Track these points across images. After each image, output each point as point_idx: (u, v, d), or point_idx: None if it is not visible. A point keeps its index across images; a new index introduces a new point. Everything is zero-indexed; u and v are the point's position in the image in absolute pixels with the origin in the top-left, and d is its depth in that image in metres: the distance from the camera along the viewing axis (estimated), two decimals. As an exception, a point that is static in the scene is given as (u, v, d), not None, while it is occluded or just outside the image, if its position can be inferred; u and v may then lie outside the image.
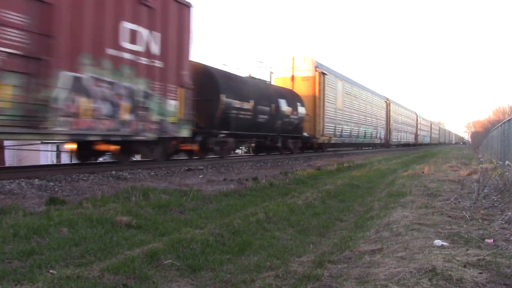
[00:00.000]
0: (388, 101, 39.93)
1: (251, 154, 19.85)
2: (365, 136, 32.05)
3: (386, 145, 39.24)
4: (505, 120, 15.40)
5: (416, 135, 57.09)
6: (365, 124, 31.66)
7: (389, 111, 39.86)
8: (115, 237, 4.58)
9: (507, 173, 10.67)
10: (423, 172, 14.04)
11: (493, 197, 7.75)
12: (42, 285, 3.19)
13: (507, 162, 12.34)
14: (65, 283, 3.27)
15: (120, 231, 4.78)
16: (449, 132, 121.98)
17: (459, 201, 7.40)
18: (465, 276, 3.44)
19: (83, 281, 3.35)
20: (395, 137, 43.26)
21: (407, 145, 50.75)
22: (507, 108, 61.50)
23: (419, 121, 58.99)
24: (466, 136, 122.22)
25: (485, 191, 8.20)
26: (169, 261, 4.00)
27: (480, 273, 3.56)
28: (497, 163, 15.66)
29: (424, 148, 55.33)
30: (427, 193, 8.63)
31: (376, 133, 35.39)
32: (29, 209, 5.44)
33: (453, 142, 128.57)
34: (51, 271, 3.52)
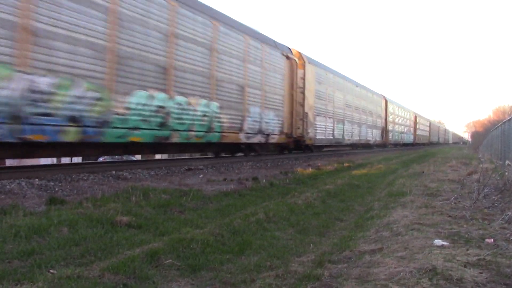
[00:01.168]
0: (299, 61, 18.77)
1: (252, 154, 18.94)
2: (185, 126, 11.43)
3: (294, 145, 18.82)
4: (505, 120, 15.39)
5: (386, 131, 36.86)
6: (183, 93, 11.33)
7: (306, 80, 19.24)
8: (115, 237, 4.58)
9: (507, 173, 10.66)
10: (423, 172, 14.05)
11: (493, 197, 7.74)
12: (42, 285, 3.19)
13: (507, 162, 12.33)
14: (65, 282, 3.27)
15: (120, 231, 4.78)
16: (445, 130, 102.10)
17: (459, 201, 7.40)
18: (465, 275, 3.44)
19: (83, 280, 3.35)
20: (328, 131, 22.55)
21: (365, 146, 31.96)
22: (507, 107, 61.49)
23: (391, 111, 38.65)
24: (466, 136, 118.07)
25: (485, 191, 8.19)
26: (169, 261, 4.00)
27: (480, 272, 3.56)
28: (497, 163, 15.66)
29: (423, 148, 48.12)
30: (427, 193, 8.63)
31: (253, 123, 14.93)
32: (29, 209, 5.44)
33: (450, 142, 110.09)
34: (51, 271, 3.52)
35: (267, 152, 17.97)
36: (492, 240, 4.70)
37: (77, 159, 18.15)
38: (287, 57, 17.88)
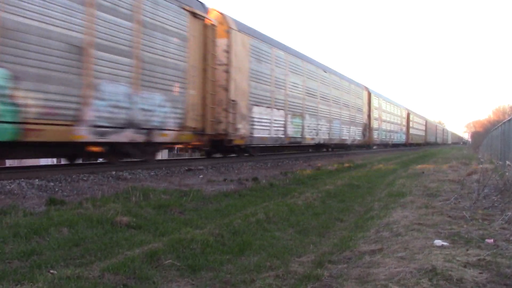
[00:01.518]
0: (220, 26, 13.39)
1: (252, 154, 17.15)
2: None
3: (210, 146, 13.98)
4: (505, 120, 15.40)
5: (369, 129, 31.38)
6: None
7: (234, 55, 13.79)
8: (115, 237, 4.58)
9: (507, 173, 10.66)
10: (422, 172, 14.05)
11: (493, 197, 7.74)
12: (42, 285, 3.19)
13: (507, 162, 12.33)
14: (65, 283, 3.27)
15: (120, 231, 4.79)
16: (443, 129, 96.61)
17: (459, 201, 7.40)
18: (465, 276, 3.44)
19: (83, 281, 3.35)
20: (276, 127, 16.94)
21: (339, 146, 26.26)
22: (507, 108, 61.41)
23: (376, 105, 33.80)
24: (466, 136, 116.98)
25: (485, 191, 8.19)
26: (169, 261, 4.00)
27: (480, 273, 3.56)
28: (497, 163, 15.66)
29: (420, 149, 45.19)
30: (427, 193, 8.63)
31: (113, 110, 9.36)
32: (29, 209, 5.44)
33: (449, 142, 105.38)
34: (51, 271, 3.52)
35: (152, 157, 11.70)
36: (492, 240, 4.70)
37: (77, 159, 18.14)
38: (195, 15, 11.97)
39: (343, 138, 25.64)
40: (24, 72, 7.56)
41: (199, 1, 12.59)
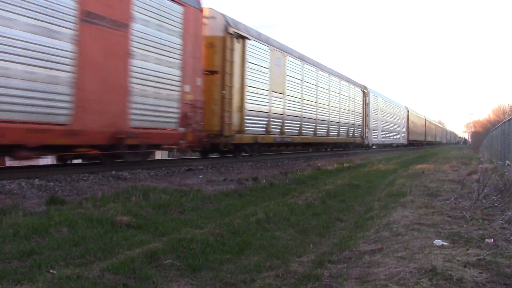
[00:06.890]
0: None
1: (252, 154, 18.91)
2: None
3: None
4: (505, 120, 15.40)
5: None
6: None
7: None
8: (115, 237, 4.58)
9: (507, 173, 10.65)
10: (423, 172, 14.05)
11: (493, 197, 7.74)
12: (42, 285, 3.19)
13: (507, 162, 12.32)
14: (65, 283, 3.27)
15: (120, 231, 4.78)
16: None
17: (459, 201, 7.40)
18: (465, 276, 3.44)
19: (83, 281, 3.35)
20: None
21: None
22: (507, 107, 61.23)
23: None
24: (466, 136, 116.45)
25: (485, 191, 8.19)
26: (169, 261, 4.00)
27: (480, 273, 3.56)
28: (497, 163, 15.65)
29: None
30: (427, 193, 8.63)
31: None
32: (29, 209, 5.44)
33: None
34: (51, 271, 3.52)
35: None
36: (492, 240, 4.70)
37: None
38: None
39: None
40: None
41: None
